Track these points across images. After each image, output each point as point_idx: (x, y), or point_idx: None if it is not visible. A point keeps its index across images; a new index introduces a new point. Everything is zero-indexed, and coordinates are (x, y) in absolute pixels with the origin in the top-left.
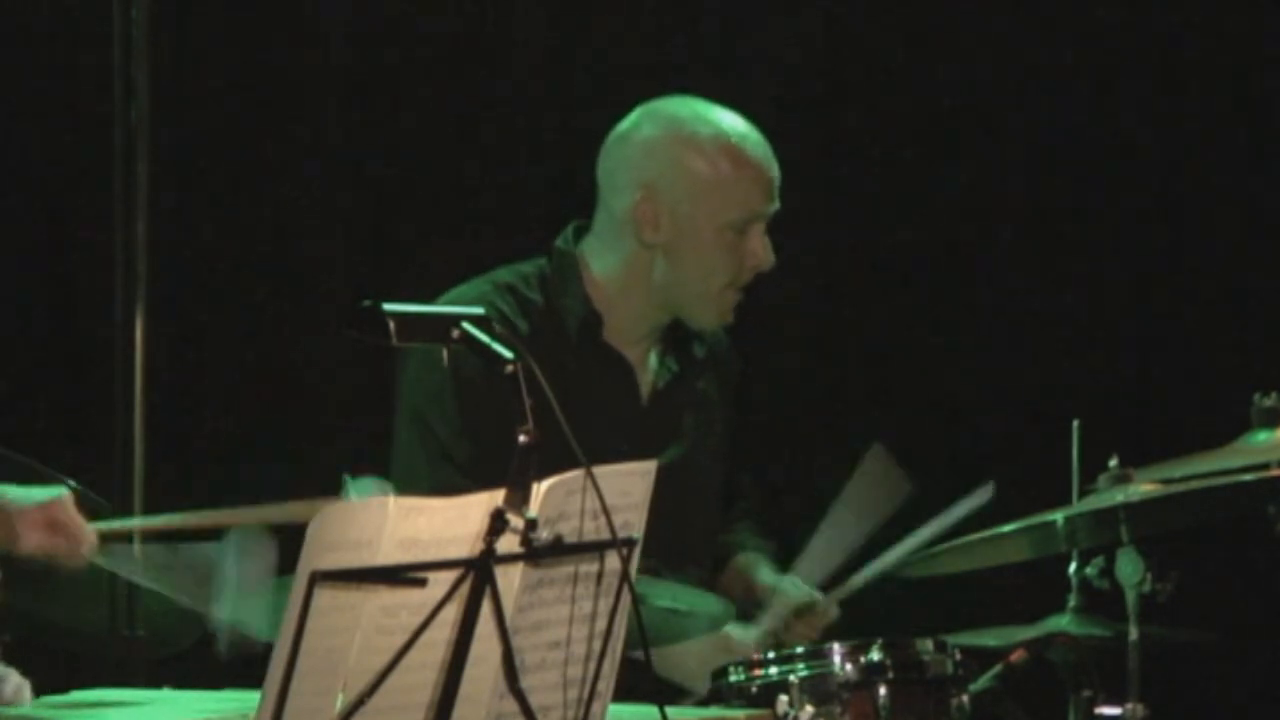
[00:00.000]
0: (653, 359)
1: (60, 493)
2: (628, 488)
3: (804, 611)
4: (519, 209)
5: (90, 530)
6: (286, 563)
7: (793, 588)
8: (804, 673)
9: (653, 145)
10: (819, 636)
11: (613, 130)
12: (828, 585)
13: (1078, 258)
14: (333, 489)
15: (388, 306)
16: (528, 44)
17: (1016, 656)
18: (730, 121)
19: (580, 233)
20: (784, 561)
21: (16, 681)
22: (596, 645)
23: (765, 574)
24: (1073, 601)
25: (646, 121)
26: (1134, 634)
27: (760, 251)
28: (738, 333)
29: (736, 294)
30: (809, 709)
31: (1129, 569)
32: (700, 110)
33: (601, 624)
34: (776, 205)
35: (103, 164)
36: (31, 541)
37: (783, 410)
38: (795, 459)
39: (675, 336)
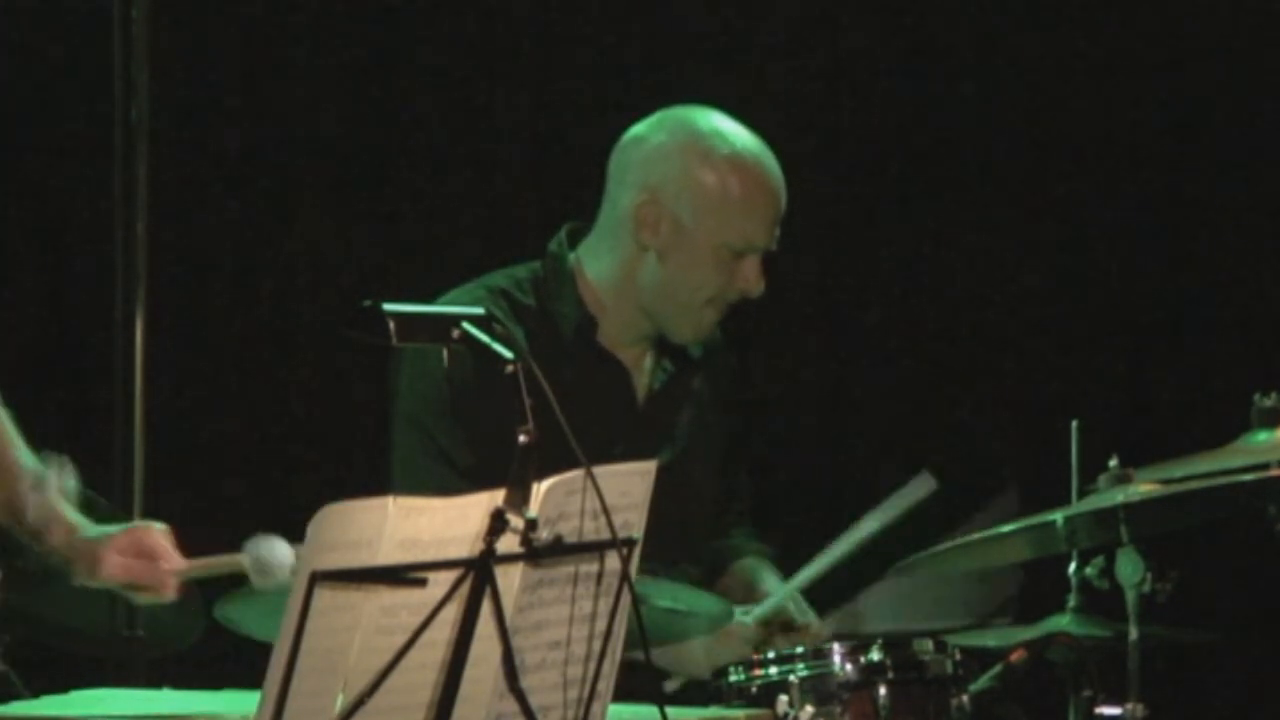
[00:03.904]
0: (648, 361)
1: (144, 523)
2: (627, 488)
3: (791, 627)
4: (516, 211)
5: (177, 557)
6: None
7: (793, 603)
8: (804, 673)
9: (666, 150)
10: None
11: (630, 129)
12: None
13: (1078, 258)
14: (331, 491)
15: (388, 306)
16: (528, 45)
17: (1016, 656)
18: (748, 144)
19: (574, 235)
20: (782, 564)
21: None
22: (596, 645)
23: (769, 581)
24: (1073, 601)
25: (665, 126)
26: (1134, 634)
27: (752, 278)
28: (736, 332)
29: (717, 313)
30: (809, 709)
31: (1129, 569)
32: (721, 126)
33: (601, 624)
34: (774, 244)
35: (103, 164)
36: (116, 568)
37: (781, 411)
38: (793, 460)
39: None
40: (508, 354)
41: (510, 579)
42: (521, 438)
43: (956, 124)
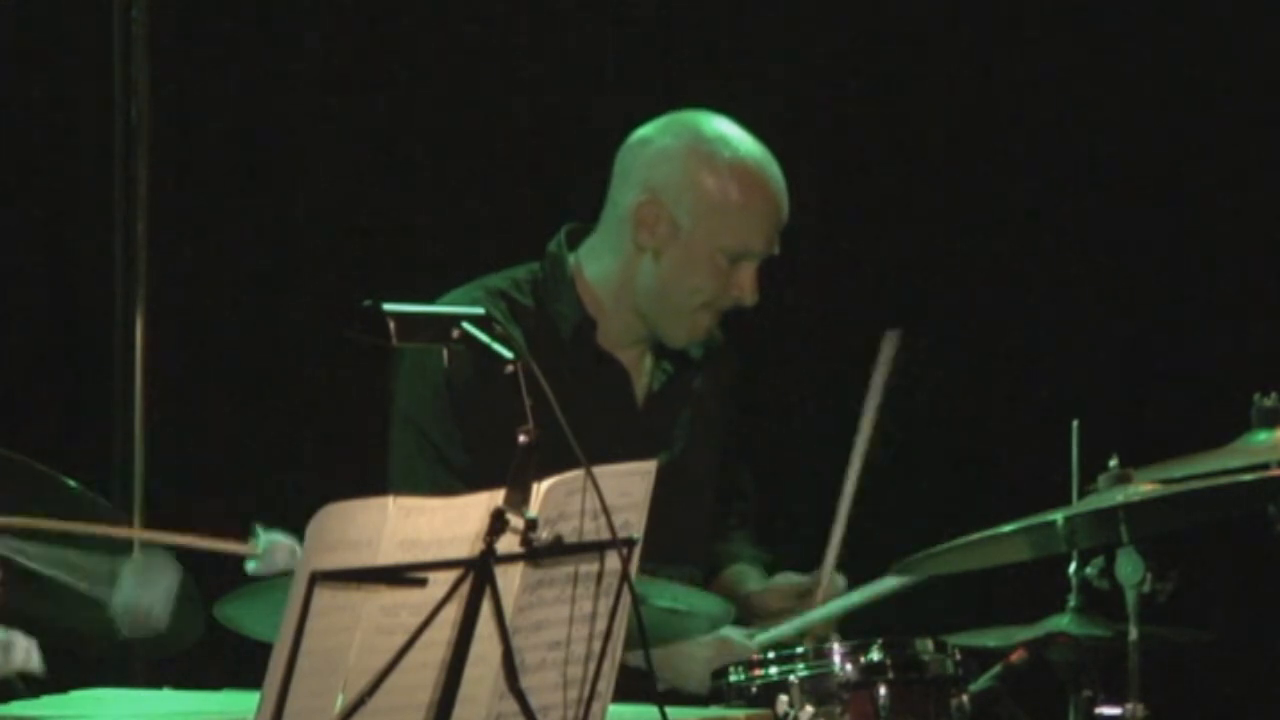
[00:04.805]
0: (648, 362)
1: None
2: (628, 488)
3: (807, 594)
4: (518, 211)
5: None
6: None
7: (786, 582)
8: (804, 673)
9: (669, 152)
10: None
11: (636, 130)
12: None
13: (1078, 257)
14: (331, 491)
15: (388, 306)
16: (529, 46)
17: (1016, 656)
18: (752, 151)
19: (574, 236)
20: (777, 569)
21: (24, 644)
22: (596, 645)
23: (755, 583)
24: (1073, 601)
25: (670, 129)
26: (1134, 634)
27: (747, 285)
28: (736, 332)
29: (711, 318)
30: (809, 709)
31: (1129, 569)
32: (726, 132)
33: (601, 624)
34: (775, 250)
35: (103, 164)
36: None
37: (780, 411)
38: (793, 459)
39: None
40: (508, 354)
41: (510, 579)
42: (521, 438)
43: (957, 124)
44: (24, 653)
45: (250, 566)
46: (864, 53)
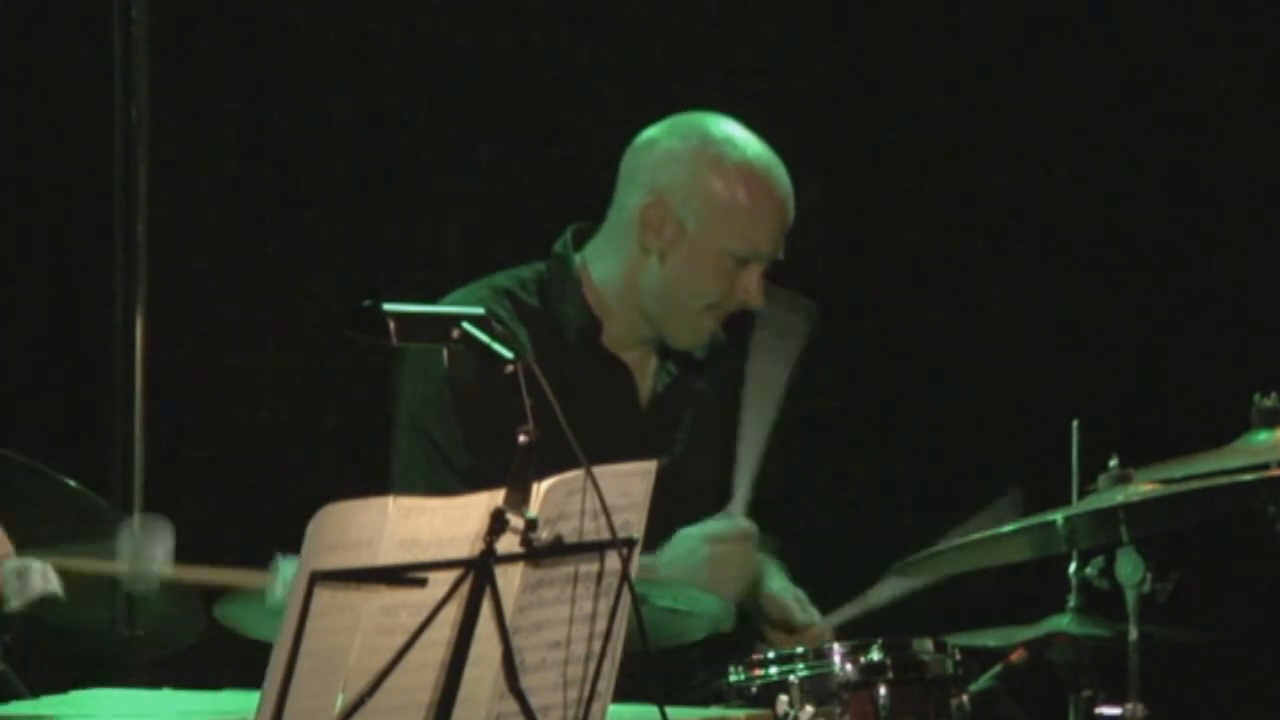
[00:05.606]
0: (652, 363)
1: None
2: (628, 488)
3: (799, 628)
4: (520, 212)
5: None
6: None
7: (797, 604)
8: (804, 673)
9: (676, 154)
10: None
11: (643, 131)
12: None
13: (1078, 257)
14: (331, 491)
15: (388, 306)
16: (530, 46)
17: (1016, 656)
18: (759, 154)
19: (579, 236)
20: (785, 561)
21: (39, 568)
22: (596, 645)
23: (774, 581)
24: (1073, 601)
25: (678, 130)
26: (1134, 634)
27: (752, 289)
28: (738, 333)
29: (716, 320)
30: (809, 709)
31: (1129, 569)
32: (734, 134)
33: (601, 624)
34: (780, 254)
35: (103, 164)
36: None
37: (781, 410)
38: (793, 459)
39: None
40: (507, 354)
41: (510, 579)
42: (522, 438)
43: (957, 124)
44: (40, 577)
45: (271, 598)
46: (865, 53)
